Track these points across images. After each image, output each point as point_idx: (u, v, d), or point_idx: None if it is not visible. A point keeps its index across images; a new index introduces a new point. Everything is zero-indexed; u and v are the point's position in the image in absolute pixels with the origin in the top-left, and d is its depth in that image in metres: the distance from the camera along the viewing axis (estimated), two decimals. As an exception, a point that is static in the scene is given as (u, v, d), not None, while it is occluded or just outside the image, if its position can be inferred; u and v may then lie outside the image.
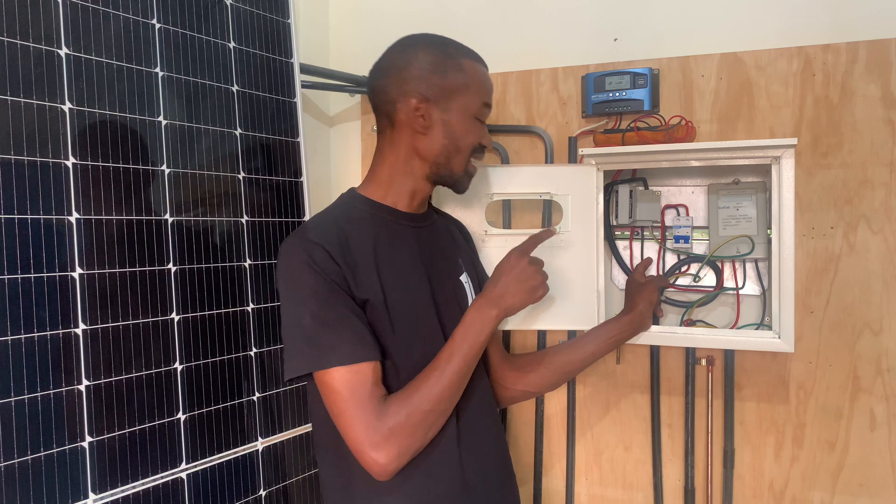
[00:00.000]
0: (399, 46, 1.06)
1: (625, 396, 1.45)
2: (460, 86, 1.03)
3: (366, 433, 0.87)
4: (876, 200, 1.26)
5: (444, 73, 1.01)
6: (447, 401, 0.94)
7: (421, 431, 0.90)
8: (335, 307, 0.91)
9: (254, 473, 1.18)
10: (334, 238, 0.96)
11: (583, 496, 1.49)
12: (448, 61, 1.02)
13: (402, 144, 1.04)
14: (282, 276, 0.96)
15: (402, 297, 0.99)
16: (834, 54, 1.28)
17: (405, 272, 1.02)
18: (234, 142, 1.20)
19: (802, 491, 1.33)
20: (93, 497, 0.93)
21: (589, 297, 1.30)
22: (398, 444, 0.88)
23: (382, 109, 1.05)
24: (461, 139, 1.04)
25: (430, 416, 0.91)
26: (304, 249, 0.93)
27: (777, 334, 1.21)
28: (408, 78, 1.01)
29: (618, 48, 1.45)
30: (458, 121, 1.03)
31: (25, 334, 0.88)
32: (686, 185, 1.38)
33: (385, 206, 1.05)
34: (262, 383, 1.20)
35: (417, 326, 1.00)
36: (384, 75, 1.04)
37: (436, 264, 1.08)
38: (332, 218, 1.01)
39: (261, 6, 1.27)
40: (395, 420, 0.88)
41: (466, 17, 1.58)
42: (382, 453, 0.87)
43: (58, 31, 0.94)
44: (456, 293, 1.10)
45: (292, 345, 0.92)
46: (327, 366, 0.89)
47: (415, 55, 1.02)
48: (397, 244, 1.03)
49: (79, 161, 0.95)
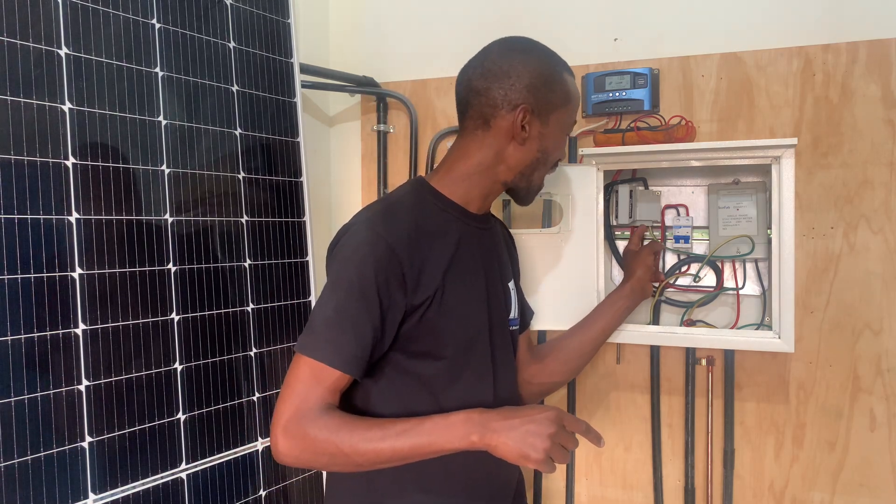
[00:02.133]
0: (504, 50, 1.01)
1: (625, 396, 1.45)
2: (561, 102, 1.00)
3: (288, 419, 0.86)
4: (876, 200, 1.26)
5: (551, 87, 0.99)
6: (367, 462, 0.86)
7: (324, 460, 0.87)
8: (358, 311, 0.89)
9: (254, 473, 1.18)
10: (406, 231, 0.93)
11: (583, 496, 1.49)
12: (554, 75, 1.00)
13: (492, 149, 1.00)
14: (338, 253, 0.93)
15: (462, 298, 0.98)
16: (834, 54, 1.28)
17: (469, 276, 1.01)
18: (234, 142, 1.20)
19: (802, 491, 1.33)
20: (93, 497, 0.93)
21: (589, 297, 1.30)
22: (300, 451, 0.86)
23: (479, 111, 0.99)
24: (552, 154, 1.03)
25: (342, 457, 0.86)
26: (366, 242, 0.90)
27: (777, 334, 1.21)
28: (518, 87, 0.97)
29: (618, 48, 1.45)
30: (554, 135, 1.02)
31: (25, 334, 0.88)
32: (686, 185, 1.38)
33: (458, 206, 1.02)
34: (262, 383, 1.20)
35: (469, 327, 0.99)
36: (488, 78, 0.98)
37: (492, 269, 1.07)
38: (405, 209, 0.97)
39: (261, 6, 1.27)
40: (315, 433, 0.86)
41: (466, 17, 1.58)
42: (285, 444, 0.86)
43: (58, 31, 0.94)
44: (505, 298, 1.09)
45: (311, 324, 0.91)
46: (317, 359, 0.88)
47: (524, 64, 0.98)
48: (467, 245, 1.01)
49: (79, 161, 0.95)
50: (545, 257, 1.30)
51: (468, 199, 1.03)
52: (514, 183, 1.04)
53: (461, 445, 0.85)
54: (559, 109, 1.00)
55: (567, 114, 1.03)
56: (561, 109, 1.01)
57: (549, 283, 1.30)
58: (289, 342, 1.26)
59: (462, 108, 1.03)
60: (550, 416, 0.86)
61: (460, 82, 1.04)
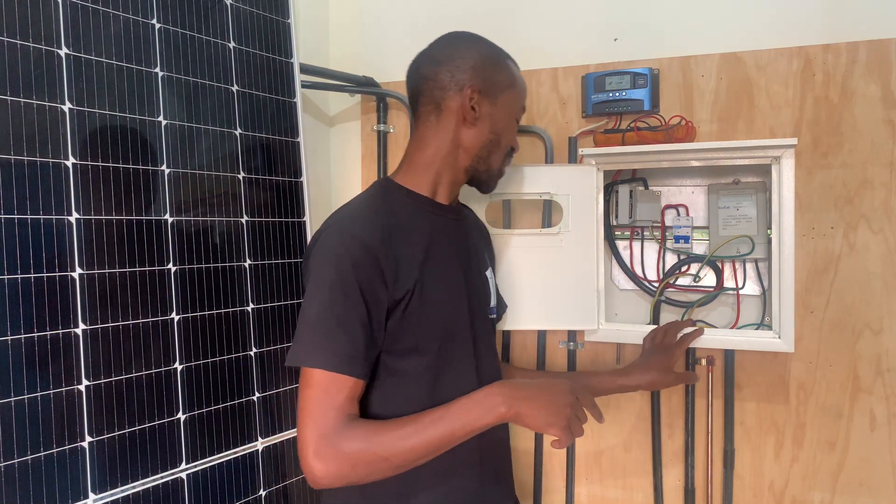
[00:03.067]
0: (450, 39, 1.06)
1: (625, 396, 1.45)
2: (507, 84, 1.05)
3: (315, 441, 0.85)
4: (876, 200, 1.26)
5: (495, 69, 1.03)
6: (407, 461, 0.87)
7: (364, 471, 0.86)
8: (346, 311, 0.89)
9: (254, 473, 1.18)
10: (379, 230, 0.93)
11: (583, 496, 1.49)
12: (498, 60, 1.05)
13: (447, 134, 1.02)
14: (315, 262, 0.93)
15: (441, 289, 0.99)
16: (834, 54, 1.28)
17: (446, 267, 1.01)
18: (234, 142, 1.20)
19: (802, 491, 1.33)
20: (93, 497, 0.93)
21: (589, 297, 1.30)
22: (338, 468, 0.85)
23: (430, 96, 1.02)
24: (503, 136, 1.06)
25: (381, 463, 0.86)
26: (342, 243, 0.91)
27: (777, 334, 1.21)
28: (464, 68, 1.01)
29: (618, 48, 1.45)
30: (503, 117, 1.05)
31: (25, 334, 0.88)
32: (686, 185, 1.38)
33: (427, 198, 1.03)
34: (262, 383, 1.20)
35: (450, 318, 1.00)
36: (436, 63, 1.02)
37: (469, 258, 1.08)
38: (374, 209, 0.98)
39: (261, 6, 1.27)
40: (348, 446, 0.85)
41: (466, 17, 1.58)
42: (322, 465, 0.84)
43: (58, 31, 0.94)
44: (484, 286, 1.11)
45: (297, 333, 0.91)
46: (313, 364, 0.88)
47: (469, 48, 1.03)
48: (440, 237, 1.02)
49: (79, 161, 0.95)
50: (545, 257, 1.30)
51: (435, 189, 1.04)
52: (474, 167, 1.05)
53: (491, 419, 0.88)
54: (507, 91, 1.04)
55: (515, 97, 1.06)
56: (509, 91, 1.05)
57: (548, 283, 1.30)
58: (289, 342, 1.25)
59: (414, 97, 1.06)
60: (566, 387, 0.92)
61: (410, 74, 1.07)
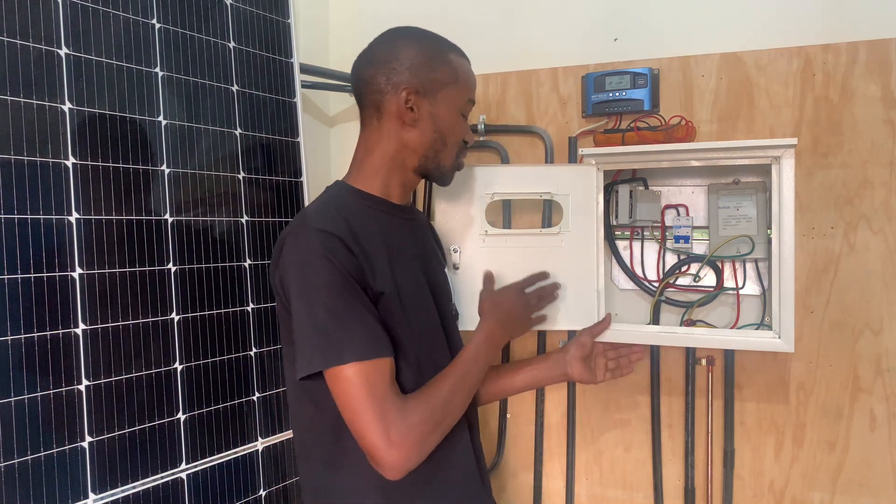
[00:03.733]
0: (387, 37, 1.05)
1: (625, 396, 1.45)
2: (448, 80, 1.02)
3: (385, 430, 0.84)
4: (876, 200, 1.26)
5: (434, 66, 1.02)
6: (460, 407, 0.95)
7: (439, 431, 0.91)
8: (349, 300, 0.88)
9: (254, 473, 1.18)
10: (344, 227, 0.92)
11: (583, 496, 1.49)
12: (437, 55, 1.03)
13: (390, 136, 1.02)
14: (292, 268, 0.91)
15: (411, 290, 0.99)
16: (834, 54, 1.28)
17: (409, 264, 1.02)
18: (234, 142, 1.20)
19: (802, 491, 1.33)
20: (93, 497, 0.93)
21: (589, 297, 1.30)
22: (418, 441, 0.87)
23: (370, 100, 1.02)
24: (448, 133, 1.04)
25: (448, 417, 0.92)
26: (316, 239, 0.89)
27: (777, 334, 1.20)
28: (398, 69, 1.00)
29: (618, 48, 1.45)
30: (446, 115, 1.03)
31: (25, 334, 0.88)
32: (686, 185, 1.38)
33: (380, 199, 1.03)
34: (262, 383, 1.20)
35: (423, 319, 1.01)
36: (372, 66, 1.01)
37: (427, 257, 1.09)
38: (333, 208, 0.97)
39: (261, 6, 1.27)
40: (419, 416, 0.87)
41: (466, 17, 1.58)
42: (401, 451, 0.85)
43: (58, 31, 0.94)
44: (445, 283, 1.12)
45: (306, 340, 0.88)
46: (344, 361, 0.85)
47: (404, 47, 1.01)
48: (399, 237, 1.03)
49: (79, 161, 0.95)
50: (545, 257, 1.30)
51: (387, 191, 1.04)
52: (423, 166, 1.05)
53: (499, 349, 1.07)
54: (447, 87, 1.02)
55: (457, 92, 1.04)
56: (450, 87, 1.03)
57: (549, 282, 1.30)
58: (289, 342, 1.26)
59: (358, 101, 1.06)
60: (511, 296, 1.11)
61: (351, 77, 1.07)
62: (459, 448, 1.02)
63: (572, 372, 1.22)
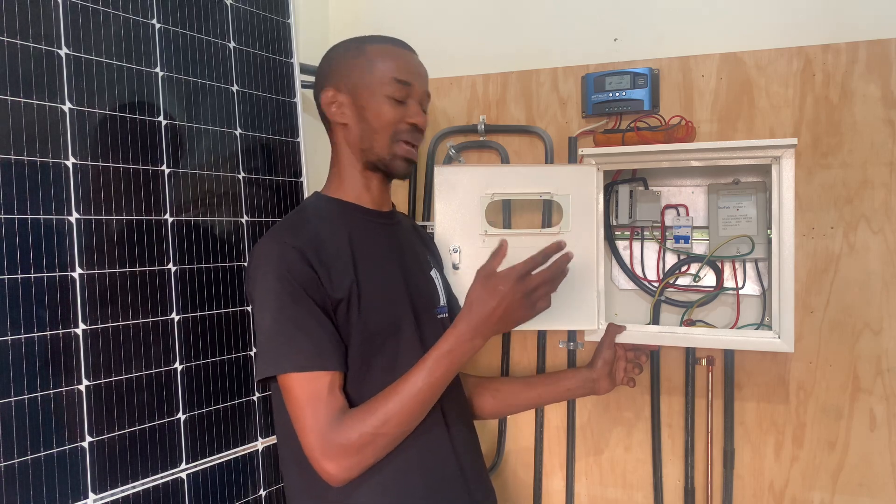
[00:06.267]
0: (323, 57, 1.12)
1: (625, 396, 1.45)
2: (363, 69, 1.05)
3: (318, 442, 0.87)
4: (876, 200, 1.26)
5: (348, 62, 1.06)
6: (403, 423, 0.91)
7: (371, 451, 0.89)
8: (297, 312, 0.91)
9: (254, 473, 1.18)
10: (308, 238, 0.96)
11: (583, 496, 1.49)
12: (350, 51, 1.07)
13: (337, 141, 1.10)
14: (252, 277, 0.97)
15: (378, 291, 1.01)
16: (834, 54, 1.28)
17: (380, 265, 1.04)
18: (234, 142, 1.20)
19: (802, 491, 1.33)
20: (93, 497, 0.93)
21: (589, 297, 1.30)
22: (348, 459, 0.88)
23: (321, 117, 1.11)
24: (374, 120, 1.05)
25: (382, 438, 0.90)
26: (274, 252, 0.94)
27: (777, 334, 1.21)
28: (321, 76, 1.09)
29: (618, 48, 1.45)
30: (368, 103, 1.05)
31: (25, 334, 0.88)
32: (686, 185, 1.38)
33: (352, 204, 1.08)
34: (261, 383, 1.20)
35: (393, 320, 1.02)
36: (314, 86, 1.11)
37: (407, 259, 1.10)
38: (303, 218, 1.03)
39: (261, 6, 1.27)
40: (347, 437, 0.88)
41: (466, 17, 1.58)
42: (333, 464, 0.87)
43: (58, 31, 0.94)
44: (428, 286, 1.12)
45: (259, 347, 0.94)
46: (283, 370, 0.90)
47: (325, 58, 1.10)
48: (370, 239, 1.05)
49: (79, 161, 0.95)
50: (545, 257, 1.30)
51: (357, 195, 1.09)
52: (365, 159, 1.08)
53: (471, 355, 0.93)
54: (364, 76, 1.05)
55: (376, 77, 1.04)
56: (368, 75, 1.05)
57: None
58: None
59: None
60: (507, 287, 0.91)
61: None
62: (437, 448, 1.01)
63: (599, 390, 1.27)
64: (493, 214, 1.46)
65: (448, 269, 1.28)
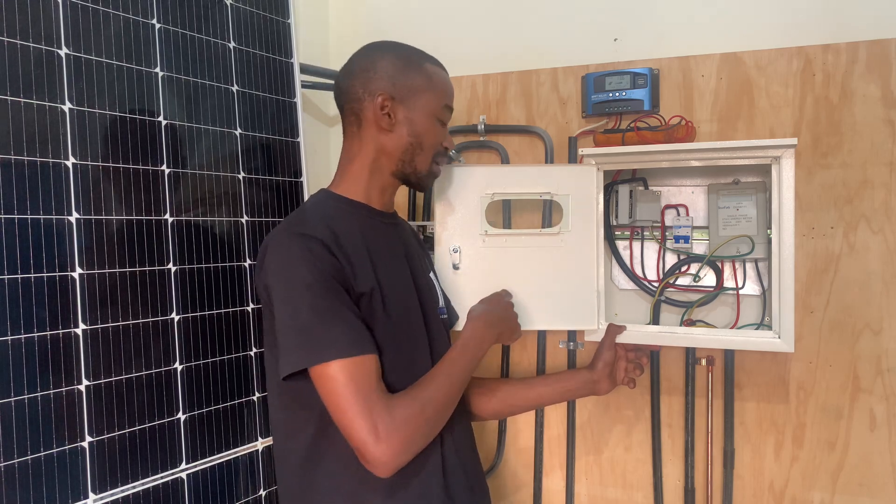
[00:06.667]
0: (364, 50, 1.10)
1: (625, 396, 1.45)
2: (422, 86, 1.06)
3: (372, 426, 0.85)
4: (876, 200, 1.26)
5: (409, 73, 1.06)
6: (448, 405, 0.96)
7: (427, 428, 0.91)
8: (332, 301, 0.90)
9: (254, 473, 1.18)
10: (327, 232, 0.96)
11: (583, 496, 1.49)
12: (411, 63, 1.07)
13: (369, 142, 1.07)
14: (275, 271, 0.94)
15: (395, 290, 1.02)
16: (834, 54, 1.28)
17: (393, 266, 1.05)
18: (234, 142, 1.20)
19: (802, 491, 1.33)
20: (93, 497, 0.93)
21: (589, 297, 1.30)
22: (406, 437, 0.87)
23: (349, 109, 1.07)
24: (424, 138, 1.07)
25: (437, 414, 0.93)
26: (299, 243, 0.92)
27: (777, 334, 1.21)
28: (374, 78, 1.05)
29: (618, 48, 1.45)
30: (421, 120, 1.06)
31: (25, 334, 0.88)
32: (686, 185, 1.38)
33: (362, 204, 1.07)
34: (262, 383, 1.20)
35: (407, 319, 1.03)
36: (351, 76, 1.07)
37: (412, 260, 1.12)
38: (316, 215, 1.02)
39: (261, 6, 1.27)
40: (407, 411, 0.88)
41: (466, 17, 1.58)
42: (389, 447, 0.85)
43: (58, 31, 0.94)
44: (430, 288, 1.14)
45: (289, 340, 0.90)
46: (327, 359, 0.87)
47: (380, 57, 1.06)
48: (381, 239, 1.06)
49: (79, 161, 0.95)
50: (545, 257, 1.30)
51: (369, 196, 1.08)
52: (400, 171, 1.08)
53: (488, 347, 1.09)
54: (422, 93, 1.06)
55: (432, 98, 1.07)
56: (424, 93, 1.06)
57: (548, 283, 1.30)
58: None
59: (340, 112, 1.10)
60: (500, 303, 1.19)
61: (334, 89, 1.12)
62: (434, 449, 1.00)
63: (599, 391, 1.26)
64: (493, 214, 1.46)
65: (448, 269, 1.29)
